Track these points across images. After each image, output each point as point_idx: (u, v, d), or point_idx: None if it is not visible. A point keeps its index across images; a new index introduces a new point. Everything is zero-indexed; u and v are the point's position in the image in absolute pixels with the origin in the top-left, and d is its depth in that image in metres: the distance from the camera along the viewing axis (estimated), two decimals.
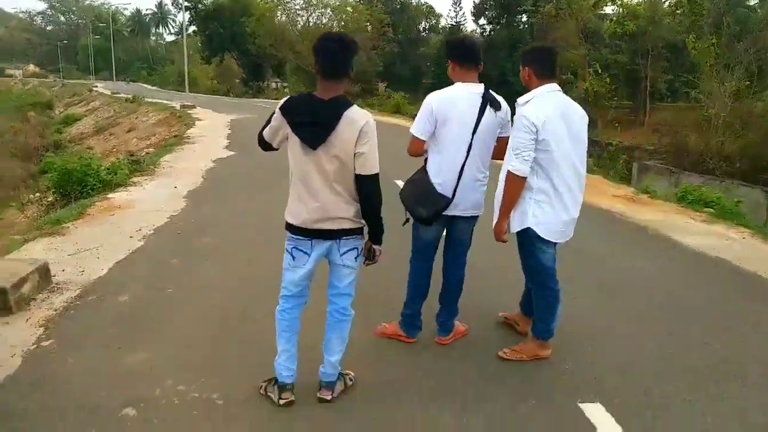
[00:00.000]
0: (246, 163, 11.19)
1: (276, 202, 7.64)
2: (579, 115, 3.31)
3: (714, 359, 3.58)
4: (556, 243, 3.35)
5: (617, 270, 5.35)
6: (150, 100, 30.99)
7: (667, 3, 34.07)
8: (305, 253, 2.87)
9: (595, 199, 8.37)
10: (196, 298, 4.40)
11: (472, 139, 3.29)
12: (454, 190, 3.31)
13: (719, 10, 29.19)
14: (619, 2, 33.03)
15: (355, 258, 2.93)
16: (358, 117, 2.70)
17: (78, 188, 8.50)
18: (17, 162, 17.63)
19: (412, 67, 58.73)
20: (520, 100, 3.26)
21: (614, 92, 26.92)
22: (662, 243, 6.33)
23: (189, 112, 23.38)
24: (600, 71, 20.62)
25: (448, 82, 3.45)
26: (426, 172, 3.40)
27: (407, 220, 3.50)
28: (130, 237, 5.99)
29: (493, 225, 3.35)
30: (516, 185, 3.17)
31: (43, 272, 4.51)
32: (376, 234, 2.92)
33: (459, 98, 3.30)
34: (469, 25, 60.96)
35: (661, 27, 30.99)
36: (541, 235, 3.25)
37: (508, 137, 3.33)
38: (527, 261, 3.41)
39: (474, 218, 3.51)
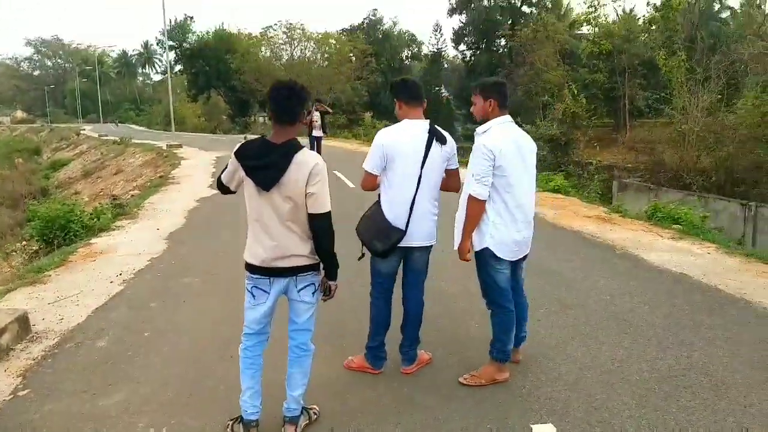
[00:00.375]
0: (228, 200, 11.31)
1: None
2: (529, 146, 3.60)
3: (664, 373, 3.75)
4: (510, 262, 3.56)
5: (579, 289, 5.53)
6: (137, 141, 31.29)
7: (641, 20, 34.97)
8: (265, 291, 3.02)
9: (567, 221, 8.60)
10: (173, 340, 4.54)
11: (420, 173, 3.50)
12: (407, 223, 3.51)
13: (692, 25, 30.04)
14: (594, 22, 33.88)
15: (312, 293, 3.07)
16: (307, 159, 2.87)
17: (61, 235, 8.62)
18: (4, 210, 17.76)
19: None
20: (479, 129, 3.51)
21: (593, 112, 27.50)
22: (628, 261, 6.53)
23: (175, 151, 23.61)
24: (576, 93, 21.07)
25: (435, 109, 3.74)
26: (380, 207, 3.59)
27: (362, 255, 3.68)
28: (111, 282, 6.13)
29: (455, 246, 3.55)
30: (477, 208, 3.41)
31: (23, 322, 4.64)
32: (331, 270, 3.06)
33: (407, 135, 3.53)
34: (450, 51, 62.04)
35: (636, 44, 31.79)
36: (497, 254, 3.47)
37: (456, 169, 3.63)
38: (485, 280, 3.60)
39: (428, 248, 3.70)
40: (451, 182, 3.67)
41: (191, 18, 61.11)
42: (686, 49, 25.41)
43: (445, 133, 3.63)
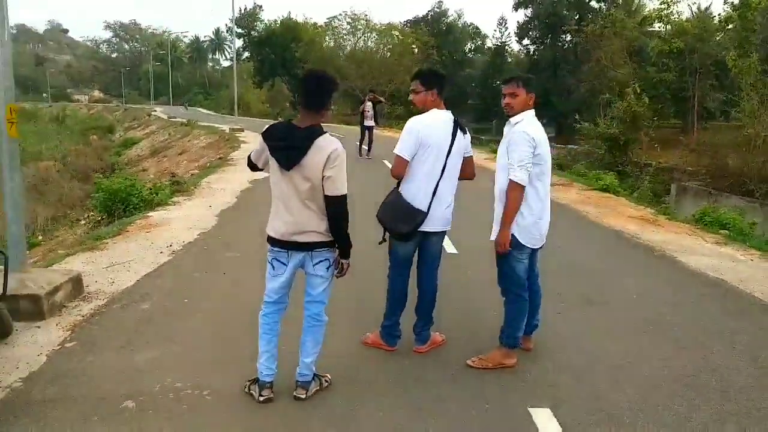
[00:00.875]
0: None
1: None
2: (546, 137, 3.72)
3: (675, 372, 3.76)
4: (531, 251, 3.68)
5: (606, 287, 5.52)
6: (203, 123, 32.47)
7: (716, 19, 33.42)
8: (283, 263, 3.26)
9: (610, 220, 8.49)
10: (208, 307, 4.87)
11: (446, 161, 3.66)
12: (429, 206, 3.67)
13: None
14: (666, 19, 32.63)
15: (327, 268, 3.27)
16: (326, 144, 3.06)
17: (122, 207, 9.22)
18: (76, 183, 18.87)
19: (457, 88, 59.09)
20: (514, 120, 3.64)
21: (658, 112, 26.50)
22: (664, 263, 6.44)
23: (237, 135, 24.41)
24: (639, 91, 20.42)
25: (493, 104, 3.99)
26: (399, 194, 3.76)
27: (384, 240, 3.87)
28: (161, 252, 6.55)
29: (492, 236, 3.66)
30: (519, 194, 3.50)
31: (76, 282, 5.07)
32: (344, 249, 3.27)
33: (437, 124, 3.71)
34: (514, 45, 61.03)
35: (710, 44, 30.42)
36: (521, 242, 3.58)
37: (471, 157, 3.87)
38: (503, 268, 3.69)
39: (443, 233, 3.89)
40: (467, 169, 3.87)
41: (260, 7, 62.66)
42: (763, 51, 24.16)
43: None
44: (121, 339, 4.21)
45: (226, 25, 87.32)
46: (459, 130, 3.73)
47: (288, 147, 3.08)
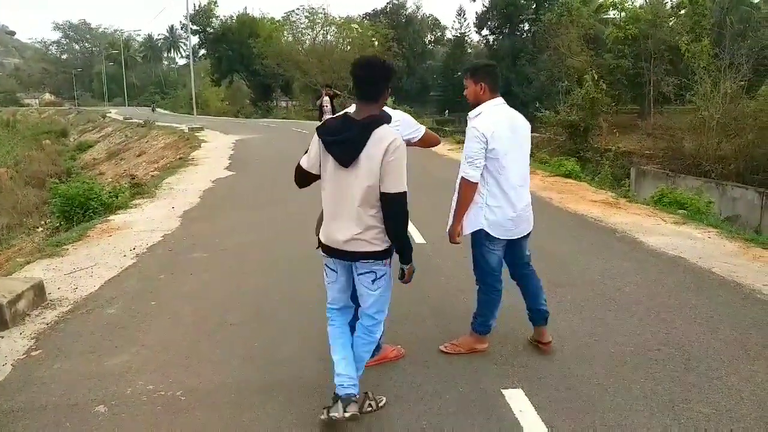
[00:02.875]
0: (242, 181, 11.70)
1: (264, 218, 8.14)
2: (523, 125, 3.65)
3: (639, 347, 3.89)
4: (506, 242, 3.65)
5: (572, 269, 5.65)
6: (161, 124, 31.82)
7: (669, 4, 34.31)
8: (333, 270, 3.05)
9: (572, 205, 8.67)
10: (176, 309, 4.80)
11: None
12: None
13: (722, 9, 29.36)
14: (620, 7, 33.32)
15: (372, 281, 2.96)
16: (385, 135, 2.79)
17: (81, 212, 8.99)
18: (30, 189, 18.31)
19: (419, 80, 59.34)
20: (471, 113, 3.58)
21: (616, 98, 27.08)
22: (626, 244, 6.62)
23: (196, 134, 24.02)
24: (597, 78, 20.87)
25: (455, 96, 3.81)
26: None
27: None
28: (124, 256, 6.43)
29: (447, 228, 3.65)
30: (469, 190, 3.46)
31: (38, 290, 4.94)
32: (404, 253, 2.96)
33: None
34: (473, 36, 61.54)
35: (663, 30, 31.21)
36: (492, 234, 3.55)
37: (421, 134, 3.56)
38: (477, 259, 3.67)
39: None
40: (426, 140, 3.69)
41: (215, 2, 61.35)
42: (714, 35, 24.93)
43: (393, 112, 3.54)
44: (88, 345, 4.13)
45: (181, 22, 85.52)
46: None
47: (345, 141, 2.81)
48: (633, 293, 4.96)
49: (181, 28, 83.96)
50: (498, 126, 3.45)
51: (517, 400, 3.23)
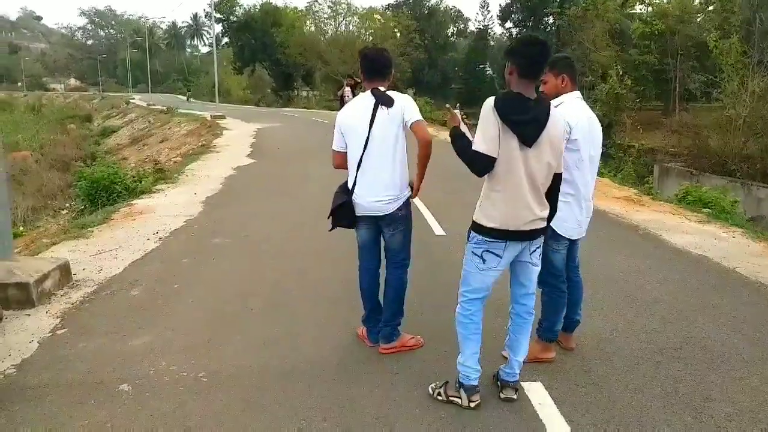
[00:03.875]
0: (263, 169, 11.78)
1: (285, 205, 8.20)
2: (598, 126, 3.50)
3: (660, 345, 3.86)
4: (568, 242, 3.50)
5: (593, 266, 5.57)
6: (183, 111, 32.10)
7: (697, 0, 33.70)
8: (497, 255, 2.94)
9: (595, 201, 8.56)
10: (198, 292, 4.87)
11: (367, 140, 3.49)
12: (353, 188, 3.58)
13: (751, 6, 28.77)
14: (647, 1, 32.80)
15: (538, 256, 3.05)
16: (560, 115, 2.89)
17: (105, 195, 9.13)
18: (55, 173, 18.61)
19: (440, 72, 59.02)
20: (553, 102, 3.21)
21: (640, 94, 26.68)
22: (649, 242, 6.55)
23: (218, 122, 24.18)
24: (621, 73, 20.58)
25: (476, 87, 3.74)
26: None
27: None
28: (147, 239, 6.52)
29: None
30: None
31: (64, 270, 5.04)
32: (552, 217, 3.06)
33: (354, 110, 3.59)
34: (496, 29, 61.04)
35: (691, 26, 30.68)
36: (559, 233, 3.39)
37: (416, 122, 3.45)
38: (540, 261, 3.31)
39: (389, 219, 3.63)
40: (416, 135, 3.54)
41: None
42: (743, 32, 24.44)
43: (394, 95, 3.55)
44: (112, 325, 4.21)
45: (204, 10, 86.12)
46: (379, 107, 3.45)
47: (528, 121, 2.77)
48: (655, 291, 4.91)
49: (205, 17, 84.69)
50: (579, 118, 3.32)
51: (536, 393, 3.23)
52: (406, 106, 3.47)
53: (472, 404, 3.05)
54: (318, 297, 4.73)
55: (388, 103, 3.45)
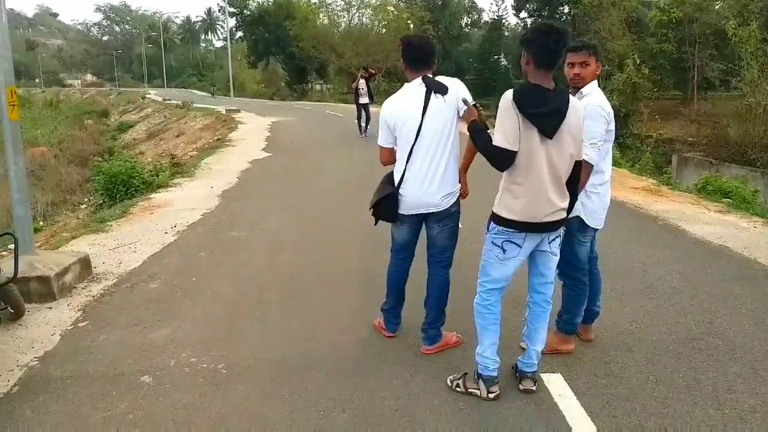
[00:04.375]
0: (279, 163, 11.81)
1: (300, 199, 8.22)
2: (611, 111, 3.37)
3: (681, 336, 3.82)
4: (593, 234, 3.45)
5: (612, 256, 5.52)
6: (198, 105, 32.26)
7: None
8: (517, 245, 2.92)
9: (614, 191, 8.44)
10: (217, 285, 4.90)
11: (418, 132, 3.31)
12: (400, 182, 3.41)
13: None
14: None
15: (558, 245, 3.04)
16: (578, 104, 2.87)
17: (123, 190, 9.22)
18: (74, 168, 18.82)
19: (454, 63, 58.61)
20: (583, 91, 3.27)
21: (658, 83, 26.28)
22: (668, 232, 6.47)
23: (233, 116, 24.28)
24: (638, 63, 20.29)
25: (490, 78, 3.64)
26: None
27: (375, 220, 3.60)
28: (165, 233, 6.57)
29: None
30: (589, 175, 3.18)
31: (84, 264, 5.10)
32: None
33: (405, 100, 3.40)
34: (511, 19, 60.49)
35: (709, 13, 30.11)
36: (589, 224, 3.34)
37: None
38: (564, 253, 3.25)
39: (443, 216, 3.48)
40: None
41: None
42: (763, 19, 23.96)
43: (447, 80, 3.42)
44: (132, 317, 4.25)
45: (218, 4, 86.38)
46: (433, 95, 3.27)
47: (552, 112, 2.75)
48: (675, 282, 4.86)
49: (219, 11, 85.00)
50: (610, 108, 3.26)
51: (556, 384, 3.21)
52: (461, 92, 3.27)
53: (491, 395, 3.04)
54: (334, 289, 4.75)
55: (442, 90, 3.27)
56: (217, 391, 3.22)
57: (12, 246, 4.67)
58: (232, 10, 56.95)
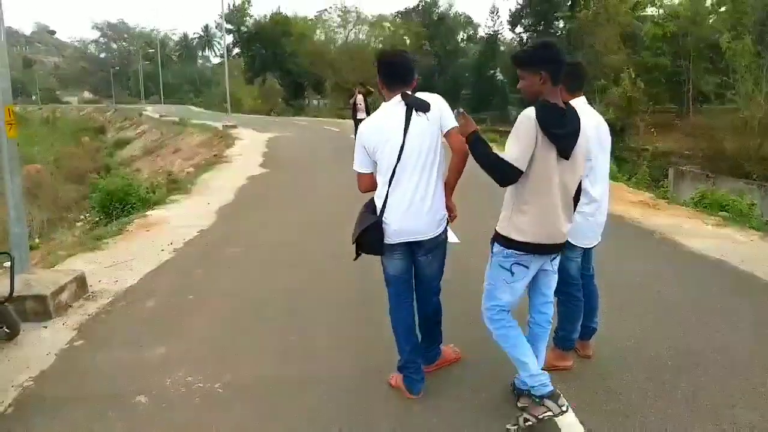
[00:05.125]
0: (276, 179, 11.83)
1: (297, 215, 8.21)
2: (605, 126, 3.42)
3: (680, 351, 3.80)
4: (582, 251, 3.47)
5: (610, 271, 5.45)
6: (195, 121, 32.32)
7: (709, 2, 33.50)
8: (526, 267, 2.89)
9: (611, 205, 8.44)
10: (213, 303, 4.88)
11: (400, 153, 3.06)
12: (382, 210, 3.14)
13: (764, 7, 28.52)
14: (658, 3, 32.64)
15: (557, 263, 3.04)
16: (586, 122, 2.85)
17: (120, 207, 9.21)
18: (70, 185, 18.81)
19: (450, 78, 59.03)
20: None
21: (654, 97, 26.49)
22: (666, 246, 6.48)
23: (230, 132, 24.32)
24: (634, 77, 20.46)
25: (486, 92, 3.54)
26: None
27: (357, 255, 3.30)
28: (162, 250, 6.55)
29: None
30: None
31: (80, 282, 5.07)
32: None
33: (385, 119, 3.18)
34: (507, 34, 61.01)
35: (703, 27, 30.46)
36: (573, 243, 3.28)
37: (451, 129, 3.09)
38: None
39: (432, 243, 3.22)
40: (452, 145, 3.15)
41: (249, 1, 62.12)
42: (756, 33, 24.24)
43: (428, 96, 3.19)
44: (128, 336, 4.23)
45: (215, 21, 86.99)
46: (414, 113, 3.04)
47: (571, 132, 2.73)
48: (673, 296, 4.85)
49: (216, 27, 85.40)
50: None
51: None
52: (443, 108, 3.10)
53: (564, 408, 2.86)
54: (332, 306, 4.73)
55: (424, 107, 3.04)
56: (214, 411, 3.19)
57: (7, 264, 4.65)
58: (229, 26, 57.46)
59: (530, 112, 2.66)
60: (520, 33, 55.04)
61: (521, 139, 2.67)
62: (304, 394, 3.34)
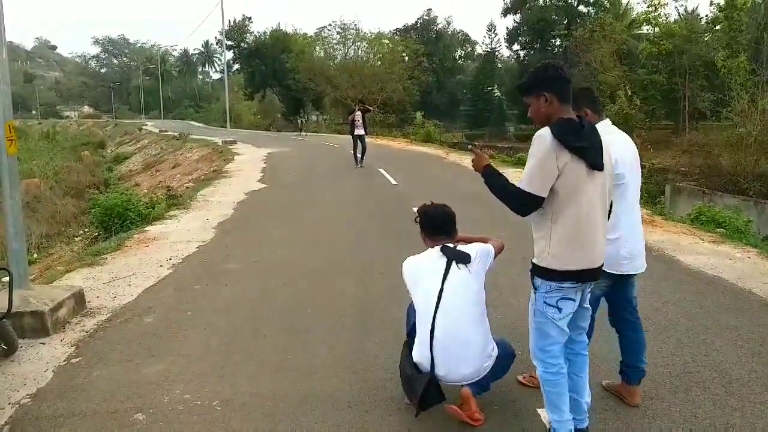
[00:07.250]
0: (275, 194, 11.87)
1: (296, 231, 8.23)
2: (633, 146, 3.34)
3: (678, 369, 3.80)
4: (616, 277, 3.29)
5: None
6: (195, 136, 32.47)
7: (704, 20, 33.84)
8: (572, 300, 2.68)
9: None
10: (211, 319, 4.88)
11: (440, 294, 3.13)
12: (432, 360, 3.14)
13: (758, 25, 28.80)
14: (654, 22, 32.95)
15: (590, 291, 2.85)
16: (607, 139, 2.73)
17: (119, 222, 9.22)
18: (69, 199, 18.82)
19: (448, 95, 59.43)
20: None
21: (649, 114, 26.64)
22: (663, 263, 6.48)
23: (229, 147, 24.42)
24: (630, 94, 20.62)
25: (484, 109, 3.54)
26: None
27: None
28: (161, 266, 6.56)
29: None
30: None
31: (79, 298, 5.08)
32: None
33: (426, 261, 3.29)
34: (504, 51, 61.53)
35: (699, 45, 30.70)
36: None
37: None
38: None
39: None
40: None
41: (249, 18, 62.81)
42: (751, 51, 24.47)
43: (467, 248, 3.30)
44: (126, 353, 4.22)
45: (216, 37, 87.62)
46: (454, 265, 3.14)
47: (595, 144, 2.60)
48: (670, 313, 4.86)
49: (216, 44, 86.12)
50: (615, 148, 3.01)
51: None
52: (480, 253, 3.19)
53: None
54: (330, 322, 4.73)
55: (464, 259, 3.13)
56: (211, 429, 3.18)
57: (5, 279, 4.65)
58: (229, 43, 57.87)
59: (545, 131, 2.56)
60: (517, 50, 55.66)
61: (537, 164, 2.55)
62: (302, 411, 3.34)
